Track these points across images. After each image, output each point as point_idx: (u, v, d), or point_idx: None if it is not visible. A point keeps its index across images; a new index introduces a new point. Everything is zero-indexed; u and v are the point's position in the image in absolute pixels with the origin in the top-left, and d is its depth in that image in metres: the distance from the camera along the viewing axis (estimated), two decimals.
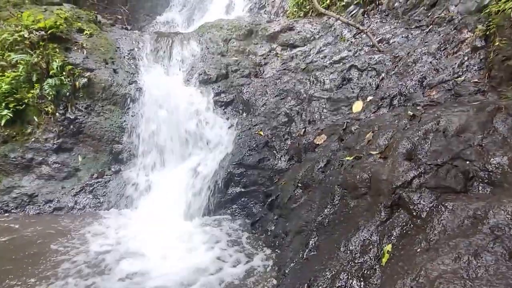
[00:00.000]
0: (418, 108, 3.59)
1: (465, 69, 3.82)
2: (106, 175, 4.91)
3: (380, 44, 5.29)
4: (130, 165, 4.98)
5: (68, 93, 5.07)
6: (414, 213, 2.51)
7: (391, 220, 2.62)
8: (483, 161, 2.52)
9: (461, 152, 2.67)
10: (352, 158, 3.40)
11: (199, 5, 8.76)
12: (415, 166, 2.74)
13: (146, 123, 5.14)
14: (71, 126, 5.00)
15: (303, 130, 4.62)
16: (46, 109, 4.97)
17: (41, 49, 5.09)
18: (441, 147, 2.80)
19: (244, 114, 5.29)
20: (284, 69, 5.78)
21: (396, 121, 3.49)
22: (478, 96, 3.25)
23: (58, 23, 5.33)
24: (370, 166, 3.06)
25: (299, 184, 3.80)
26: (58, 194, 4.69)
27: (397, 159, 2.90)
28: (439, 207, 2.41)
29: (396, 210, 2.64)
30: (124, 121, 5.20)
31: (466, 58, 3.93)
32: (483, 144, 2.64)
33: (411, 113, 3.41)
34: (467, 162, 2.58)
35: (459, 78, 3.76)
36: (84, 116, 5.07)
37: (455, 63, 3.95)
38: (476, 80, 3.52)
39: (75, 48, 5.46)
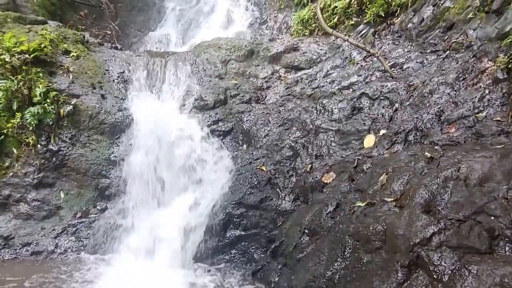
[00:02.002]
0: (436, 148, 3.63)
1: (486, 104, 3.88)
2: (91, 214, 4.90)
3: (393, 70, 5.38)
4: (117, 202, 4.98)
5: (51, 122, 5.12)
6: (435, 276, 2.51)
7: (409, 282, 2.61)
8: (509, 217, 2.53)
9: (484, 205, 2.69)
10: (364, 204, 3.41)
11: (195, 19, 8.94)
12: (435, 220, 2.75)
13: (136, 155, 5.16)
14: (54, 159, 5.03)
15: (310, 166, 4.64)
16: (26, 140, 5.01)
17: (23, 74, 5.16)
18: (462, 199, 2.82)
19: (244, 146, 5.32)
20: (288, 95, 5.85)
21: (412, 162, 3.52)
22: (502, 138, 3.29)
23: (42, 46, 5.42)
24: (384, 217, 3.07)
25: (306, 230, 3.79)
26: (37, 236, 4.68)
27: (414, 210, 2.92)
28: (462, 270, 2.41)
29: (415, 270, 2.64)
30: (112, 152, 5.23)
31: (487, 91, 3.99)
32: (508, 197, 2.66)
33: (429, 155, 3.44)
34: (492, 218, 2.60)
35: (480, 114, 3.81)
36: (68, 148, 5.10)
37: (475, 96, 4.01)
38: (499, 118, 3.56)
39: (60, 72, 5.54)
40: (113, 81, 5.91)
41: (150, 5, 9.33)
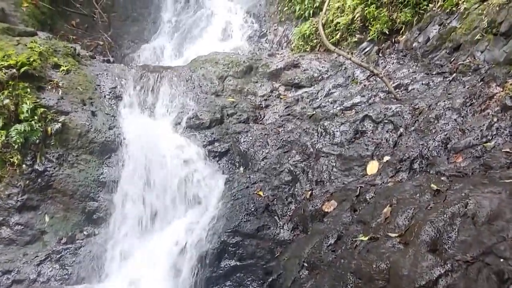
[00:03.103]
0: (442, 179, 3.64)
1: (494, 133, 3.91)
2: (77, 240, 4.86)
3: (397, 91, 5.43)
4: (106, 227, 4.95)
5: (38, 141, 5.10)
6: None
7: None
8: None
9: (493, 246, 2.69)
10: (367, 238, 3.40)
11: (191, 31, 9.01)
12: (441, 261, 2.75)
13: (127, 176, 5.15)
14: (39, 180, 5.00)
15: (310, 192, 4.65)
16: (11, 159, 4.98)
17: (10, 89, 5.16)
18: (470, 238, 2.82)
19: (241, 169, 5.32)
20: (288, 115, 5.88)
21: (418, 194, 3.53)
22: (511, 172, 3.31)
23: (31, 59, 5.44)
24: (388, 254, 3.07)
25: (305, 264, 3.78)
26: (19, 263, 4.62)
27: (419, 248, 2.92)
28: None
29: None
30: (102, 173, 5.21)
31: (495, 119, 4.03)
32: None
33: (435, 187, 3.45)
34: (501, 260, 2.59)
35: (488, 144, 3.83)
36: (55, 168, 5.08)
37: (483, 124, 4.04)
38: (508, 149, 3.59)
39: (49, 87, 5.55)
40: (105, 97, 5.93)
41: (145, 15, 9.41)
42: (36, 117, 5.15)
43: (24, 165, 5.01)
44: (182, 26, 9.13)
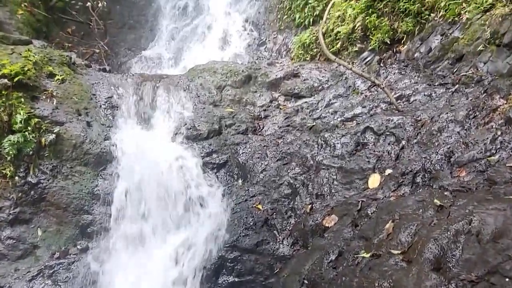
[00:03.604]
0: (445, 194, 3.65)
1: (498, 147, 3.92)
2: (71, 255, 4.82)
3: (399, 102, 5.45)
4: (100, 241, 4.91)
5: (31, 152, 5.08)
6: None
7: None
8: None
9: (498, 265, 2.68)
10: (369, 255, 3.39)
11: (189, 39, 9.06)
12: (445, 280, 2.74)
13: (123, 188, 5.13)
14: (32, 192, 4.98)
15: (310, 206, 4.64)
16: (3, 171, 4.96)
17: (3, 99, 5.16)
18: (475, 256, 2.81)
19: (240, 181, 5.31)
20: (288, 126, 5.89)
21: (421, 210, 3.53)
22: None
23: (26, 69, 5.44)
24: (391, 272, 3.05)
25: (305, 281, 3.76)
26: (10, 279, 4.58)
27: (423, 267, 2.91)
28: None
29: None
30: (96, 185, 5.19)
31: (499, 132, 4.04)
32: None
33: (438, 203, 3.45)
34: (507, 280, 2.59)
35: (492, 158, 3.84)
36: (48, 180, 5.06)
37: (487, 138, 4.05)
38: None
39: (44, 97, 5.54)
40: (100, 106, 5.93)
41: (142, 23, 9.46)
42: (30, 128, 5.14)
43: (16, 177, 4.99)
44: (180, 34, 9.18)
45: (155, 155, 5.45)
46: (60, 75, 5.88)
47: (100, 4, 8.07)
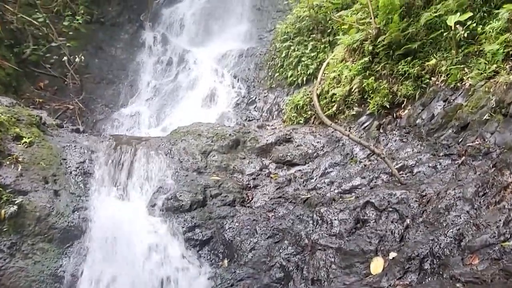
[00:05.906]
0: (457, 286, 3.58)
1: None
2: None
3: (401, 173, 5.51)
4: None
5: None
6: None
7: None
8: None
9: None
10: None
11: (172, 96, 9.24)
12: None
13: (92, 270, 4.96)
14: None
15: None
16: None
17: None
18: None
19: (226, 261, 5.18)
20: (280, 197, 5.87)
21: None
22: None
23: None
24: None
25: None
26: None
27: None
28: None
29: None
30: (60, 266, 5.00)
31: None
32: None
33: None
34: None
35: (507, 243, 3.83)
36: (5, 260, 4.85)
37: (499, 219, 4.06)
38: None
39: (8, 162, 5.48)
40: (71, 173, 5.88)
41: (121, 78, 9.67)
42: None
43: None
44: (162, 91, 9.38)
45: (129, 230, 5.36)
46: (28, 138, 5.87)
47: (77, 59, 8.25)
